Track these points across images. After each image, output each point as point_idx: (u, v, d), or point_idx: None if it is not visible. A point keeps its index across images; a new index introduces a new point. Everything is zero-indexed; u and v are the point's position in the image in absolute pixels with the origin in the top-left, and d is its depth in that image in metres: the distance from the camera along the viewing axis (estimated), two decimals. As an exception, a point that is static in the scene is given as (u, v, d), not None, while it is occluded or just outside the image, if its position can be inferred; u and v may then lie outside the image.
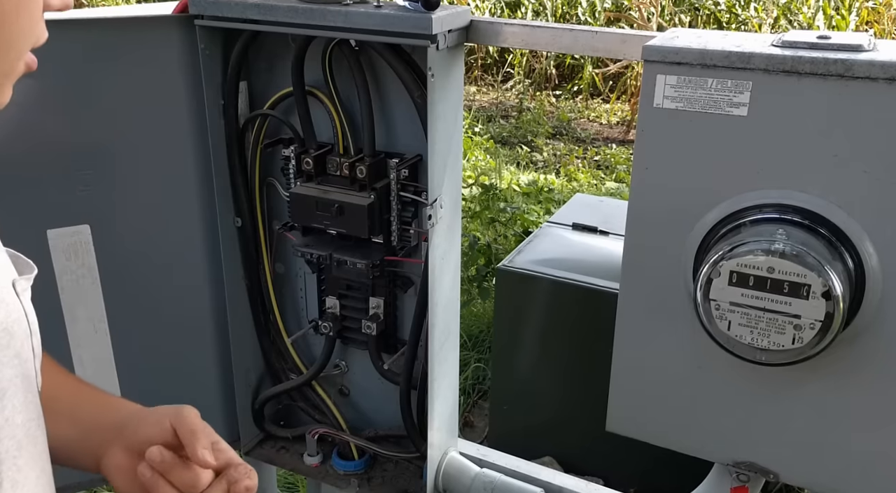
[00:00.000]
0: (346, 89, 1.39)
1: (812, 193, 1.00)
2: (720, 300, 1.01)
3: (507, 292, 2.60)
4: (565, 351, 2.54)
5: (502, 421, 2.73)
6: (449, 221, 1.35)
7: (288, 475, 2.63)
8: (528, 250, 2.62)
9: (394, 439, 1.61)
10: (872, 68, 0.93)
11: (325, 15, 1.23)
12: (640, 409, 1.22)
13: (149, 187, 1.43)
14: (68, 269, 1.36)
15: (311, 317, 1.62)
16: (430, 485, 1.48)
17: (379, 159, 1.38)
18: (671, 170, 1.07)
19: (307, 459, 1.64)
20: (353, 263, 1.42)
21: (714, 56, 1.00)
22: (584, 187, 5.47)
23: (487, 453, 1.55)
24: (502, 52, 8.19)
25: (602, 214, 2.82)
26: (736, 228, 1.03)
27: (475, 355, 3.44)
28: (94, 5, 7.61)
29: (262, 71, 1.46)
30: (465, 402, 3.21)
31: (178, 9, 1.36)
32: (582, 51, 1.20)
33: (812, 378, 1.07)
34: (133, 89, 1.36)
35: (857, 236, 0.99)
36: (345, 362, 1.64)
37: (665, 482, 2.37)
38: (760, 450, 1.15)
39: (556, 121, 7.11)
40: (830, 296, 0.95)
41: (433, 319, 1.35)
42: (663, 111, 1.04)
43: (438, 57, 1.19)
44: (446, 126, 1.27)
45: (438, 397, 1.43)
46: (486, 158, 5.97)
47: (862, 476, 1.09)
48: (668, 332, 1.14)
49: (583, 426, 2.45)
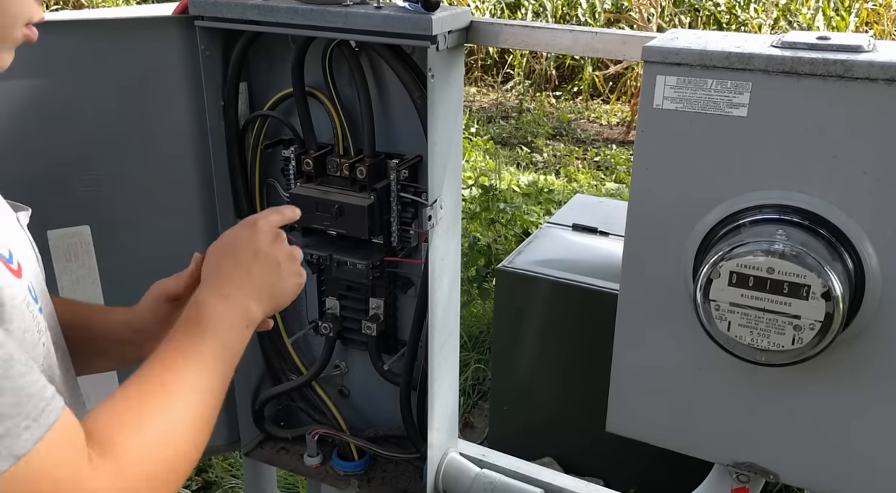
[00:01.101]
0: (346, 90, 1.39)
1: (812, 193, 1.00)
2: (720, 301, 1.01)
3: (507, 293, 2.60)
4: (565, 352, 2.54)
5: (502, 422, 2.73)
6: (449, 221, 1.35)
7: (288, 475, 2.63)
8: (528, 251, 2.62)
9: (394, 439, 1.61)
10: (872, 69, 0.93)
11: (325, 16, 1.23)
12: (639, 409, 1.22)
13: (149, 188, 1.43)
14: (68, 269, 1.36)
15: (311, 318, 1.62)
16: (430, 486, 1.48)
17: (379, 160, 1.38)
18: (671, 171, 1.07)
19: (307, 459, 1.64)
20: (353, 263, 1.42)
21: (714, 57, 1.00)
22: (584, 188, 5.47)
23: (487, 453, 1.55)
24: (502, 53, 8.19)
25: (602, 215, 2.82)
26: (736, 229, 1.04)
27: (475, 356, 3.44)
28: (95, 6, 7.61)
29: (263, 72, 1.47)
30: (465, 403, 3.21)
31: (178, 10, 1.36)
32: (582, 52, 1.20)
33: (812, 379, 1.07)
34: (133, 90, 1.36)
35: (857, 237, 0.99)
36: (345, 363, 1.64)
37: (665, 483, 2.37)
38: (760, 450, 1.15)
39: (556, 122, 7.11)
40: (830, 296, 0.95)
41: (433, 319, 1.35)
42: (663, 112, 1.04)
43: (438, 58, 1.20)
44: (446, 127, 1.27)
45: (438, 398, 1.43)
46: (485, 158, 5.97)
47: (862, 476, 1.09)
48: (668, 332, 1.14)
49: (583, 427, 2.45)
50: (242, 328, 0.90)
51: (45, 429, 0.65)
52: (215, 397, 0.84)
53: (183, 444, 0.79)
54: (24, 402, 0.64)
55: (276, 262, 0.95)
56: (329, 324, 1.52)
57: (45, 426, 0.66)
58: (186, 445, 0.79)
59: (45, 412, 0.66)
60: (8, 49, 0.79)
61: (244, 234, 0.96)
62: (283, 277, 0.96)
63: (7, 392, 0.63)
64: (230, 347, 0.88)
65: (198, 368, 0.83)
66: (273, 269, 0.95)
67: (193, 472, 2.72)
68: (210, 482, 2.73)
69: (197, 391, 0.82)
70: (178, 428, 0.79)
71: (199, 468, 2.76)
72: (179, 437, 0.79)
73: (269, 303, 0.94)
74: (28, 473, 0.65)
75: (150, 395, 0.79)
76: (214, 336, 0.86)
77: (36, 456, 0.65)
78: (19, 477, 0.64)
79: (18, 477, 0.64)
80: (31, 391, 0.65)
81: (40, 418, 0.65)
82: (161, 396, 0.79)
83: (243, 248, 0.94)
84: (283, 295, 0.96)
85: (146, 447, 0.75)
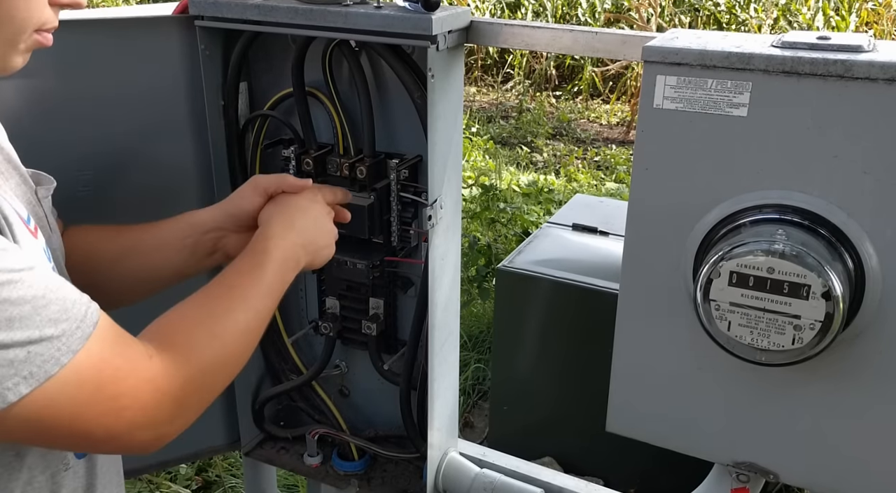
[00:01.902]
0: (346, 90, 1.39)
1: (812, 193, 1.00)
2: (720, 301, 1.01)
3: (507, 293, 2.60)
4: (565, 351, 2.54)
5: (502, 421, 2.73)
6: (449, 221, 1.35)
7: (288, 475, 2.63)
8: (528, 251, 2.62)
9: (394, 439, 1.61)
10: (872, 69, 0.93)
11: (325, 16, 1.23)
12: (640, 409, 1.22)
13: (149, 188, 1.43)
14: (68, 269, 1.36)
15: (311, 317, 1.62)
16: (430, 485, 1.48)
17: (379, 160, 1.38)
18: (671, 170, 1.07)
19: (307, 459, 1.64)
20: (354, 263, 1.42)
21: (714, 57, 1.00)
22: (584, 188, 5.47)
23: (487, 453, 1.55)
24: (502, 52, 8.19)
25: (602, 215, 2.83)
26: (736, 229, 1.04)
27: (475, 356, 3.44)
28: (94, 6, 7.61)
29: (263, 71, 1.47)
30: (465, 402, 3.21)
31: (178, 9, 1.36)
32: (582, 51, 1.20)
33: (812, 379, 1.07)
34: (133, 90, 1.36)
35: (857, 237, 0.99)
36: (345, 363, 1.64)
37: (665, 483, 2.37)
38: (760, 450, 1.15)
39: (556, 121, 7.11)
40: (830, 296, 0.95)
41: (433, 319, 1.35)
42: (663, 112, 1.04)
43: (438, 58, 1.20)
44: (446, 127, 1.27)
45: (438, 398, 1.43)
46: (485, 158, 5.97)
47: (862, 476, 1.09)
48: (668, 332, 1.14)
49: (583, 426, 2.46)
50: (293, 269, 1.07)
51: (93, 327, 0.77)
52: (264, 320, 0.98)
53: (234, 347, 0.92)
54: (70, 307, 0.76)
55: (326, 230, 1.16)
56: (329, 324, 1.52)
57: (92, 324, 0.77)
58: (238, 350, 0.93)
59: (88, 314, 0.78)
60: (19, 53, 0.86)
61: (309, 196, 1.16)
62: (326, 243, 1.15)
63: (53, 302, 0.74)
64: (283, 281, 1.04)
65: (257, 290, 0.98)
66: (323, 234, 1.15)
67: (193, 472, 2.72)
68: (210, 482, 2.73)
69: (253, 309, 0.96)
70: (234, 333, 0.92)
71: (199, 467, 2.76)
72: (234, 340, 0.92)
73: (310, 258, 1.11)
74: (88, 363, 0.76)
75: (215, 301, 0.94)
76: (274, 267, 1.02)
77: (91, 349, 0.77)
78: (84, 366, 0.76)
79: (80, 367, 0.76)
80: (73, 297, 0.77)
81: (86, 318, 0.77)
82: (224, 304, 0.94)
83: (306, 207, 1.14)
84: (320, 258, 1.14)
85: (203, 343, 0.88)
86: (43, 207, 0.97)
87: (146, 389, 0.81)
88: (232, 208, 1.17)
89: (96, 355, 0.77)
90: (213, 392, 0.90)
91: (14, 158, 0.96)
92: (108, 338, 0.79)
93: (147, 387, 0.81)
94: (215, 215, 1.17)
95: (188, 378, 0.85)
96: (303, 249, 1.09)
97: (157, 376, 0.82)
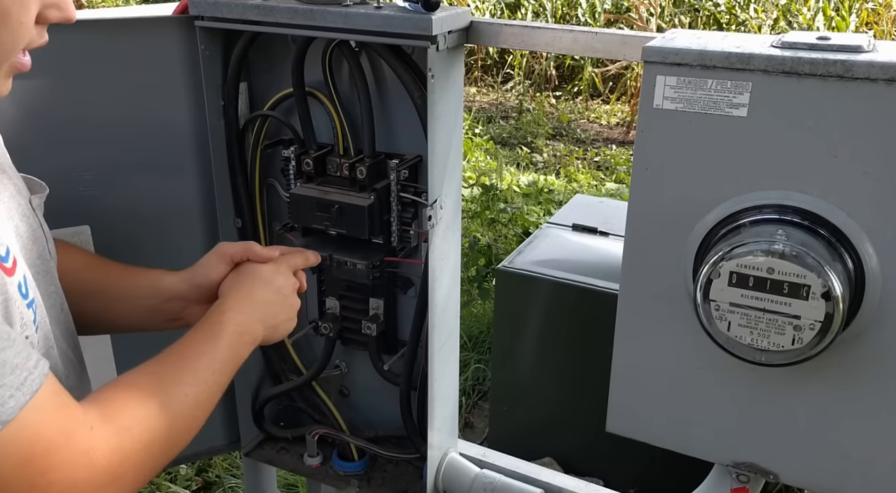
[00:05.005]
0: (346, 90, 1.39)
1: (812, 193, 1.00)
2: (720, 301, 1.01)
3: (507, 293, 2.60)
4: (565, 352, 2.54)
5: (502, 422, 2.73)
6: (449, 221, 1.35)
7: (288, 475, 2.63)
8: (528, 251, 2.62)
9: (394, 439, 1.61)
10: (872, 69, 0.93)
11: (325, 16, 1.23)
12: (639, 409, 1.22)
13: (149, 188, 1.43)
14: (68, 269, 1.36)
15: (311, 318, 1.62)
16: (430, 486, 1.48)
17: (379, 160, 1.38)
18: (671, 171, 1.07)
19: (307, 460, 1.64)
20: (353, 263, 1.42)
21: (714, 57, 1.00)
22: (584, 188, 5.47)
23: (487, 453, 1.55)
24: (502, 53, 8.19)
25: (602, 215, 2.83)
26: (736, 229, 1.04)
27: (475, 356, 3.44)
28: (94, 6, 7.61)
29: (263, 72, 1.47)
30: (465, 403, 3.21)
31: (178, 10, 1.36)
32: (582, 52, 1.20)
33: (812, 379, 1.07)
34: (133, 90, 1.36)
35: (857, 237, 0.99)
36: (345, 363, 1.64)
37: (665, 483, 2.37)
38: (760, 450, 1.15)
39: (556, 122, 7.11)
40: (830, 297, 0.95)
41: (433, 319, 1.35)
42: (663, 112, 1.04)
43: (438, 58, 1.20)
44: (446, 127, 1.27)
45: (438, 398, 1.43)
46: (485, 158, 5.97)
47: (862, 476, 1.09)
48: (668, 332, 1.14)
49: (582, 427, 2.46)
50: (249, 343, 1.04)
51: (30, 396, 0.72)
52: (215, 395, 0.95)
53: (182, 421, 0.89)
54: (7, 373, 0.71)
55: (288, 304, 1.13)
56: (329, 324, 1.52)
57: (30, 393, 0.72)
58: (185, 424, 0.89)
59: (27, 382, 0.72)
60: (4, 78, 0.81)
61: (273, 267, 1.13)
62: (286, 317, 1.12)
63: None
64: (238, 356, 1.01)
65: (209, 365, 0.95)
66: (284, 308, 1.12)
67: (193, 472, 2.72)
68: (210, 482, 2.73)
69: (203, 383, 0.93)
70: (182, 408, 0.89)
71: (199, 467, 2.76)
72: (181, 414, 0.89)
73: (268, 333, 1.09)
74: (18, 436, 0.71)
75: (166, 370, 0.91)
76: (229, 341, 1.00)
77: (24, 420, 0.72)
78: (10, 440, 0.71)
79: (9, 440, 0.71)
80: (15, 362, 0.72)
81: (23, 386, 0.72)
82: (174, 376, 0.91)
83: (268, 279, 1.11)
84: (279, 332, 1.12)
85: (147, 418, 0.84)
86: (37, 216, 0.95)
87: (80, 462, 0.76)
88: (196, 278, 1.14)
89: (29, 427, 0.72)
90: (154, 469, 0.86)
91: (8, 168, 0.94)
92: (46, 408, 0.74)
93: (81, 461, 0.76)
94: (179, 285, 1.14)
95: (128, 453, 0.81)
96: (260, 323, 1.06)
97: (95, 450, 0.77)
